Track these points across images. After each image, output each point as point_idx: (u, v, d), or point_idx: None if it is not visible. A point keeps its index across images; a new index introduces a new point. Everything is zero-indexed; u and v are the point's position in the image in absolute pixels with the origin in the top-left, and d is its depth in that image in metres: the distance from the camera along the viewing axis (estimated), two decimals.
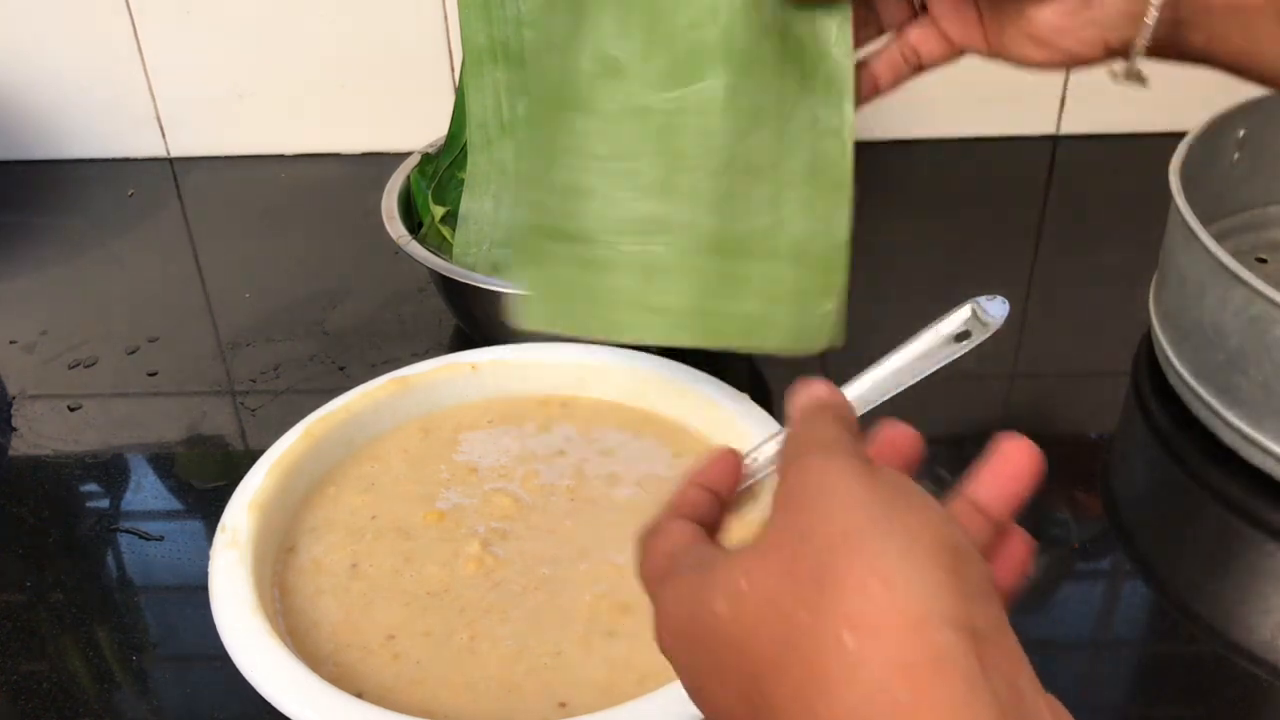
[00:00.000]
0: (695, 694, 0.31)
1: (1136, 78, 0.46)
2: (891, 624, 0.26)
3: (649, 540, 0.34)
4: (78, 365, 0.74)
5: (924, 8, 0.49)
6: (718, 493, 0.37)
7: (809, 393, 0.35)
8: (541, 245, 0.47)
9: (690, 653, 0.31)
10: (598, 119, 0.45)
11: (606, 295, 0.47)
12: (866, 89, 0.50)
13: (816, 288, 0.48)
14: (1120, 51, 0.45)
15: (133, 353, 0.75)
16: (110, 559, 0.60)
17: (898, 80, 0.50)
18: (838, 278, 0.48)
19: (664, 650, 0.32)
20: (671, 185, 0.45)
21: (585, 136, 0.45)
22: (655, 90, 0.44)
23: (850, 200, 0.48)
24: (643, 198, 0.45)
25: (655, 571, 0.33)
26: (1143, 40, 0.44)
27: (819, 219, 0.48)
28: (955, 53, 0.50)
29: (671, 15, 0.44)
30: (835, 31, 0.47)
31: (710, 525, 0.36)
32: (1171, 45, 0.45)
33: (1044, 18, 0.45)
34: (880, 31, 0.50)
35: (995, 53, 0.48)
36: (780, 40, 0.46)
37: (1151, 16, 0.43)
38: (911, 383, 0.42)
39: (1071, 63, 0.46)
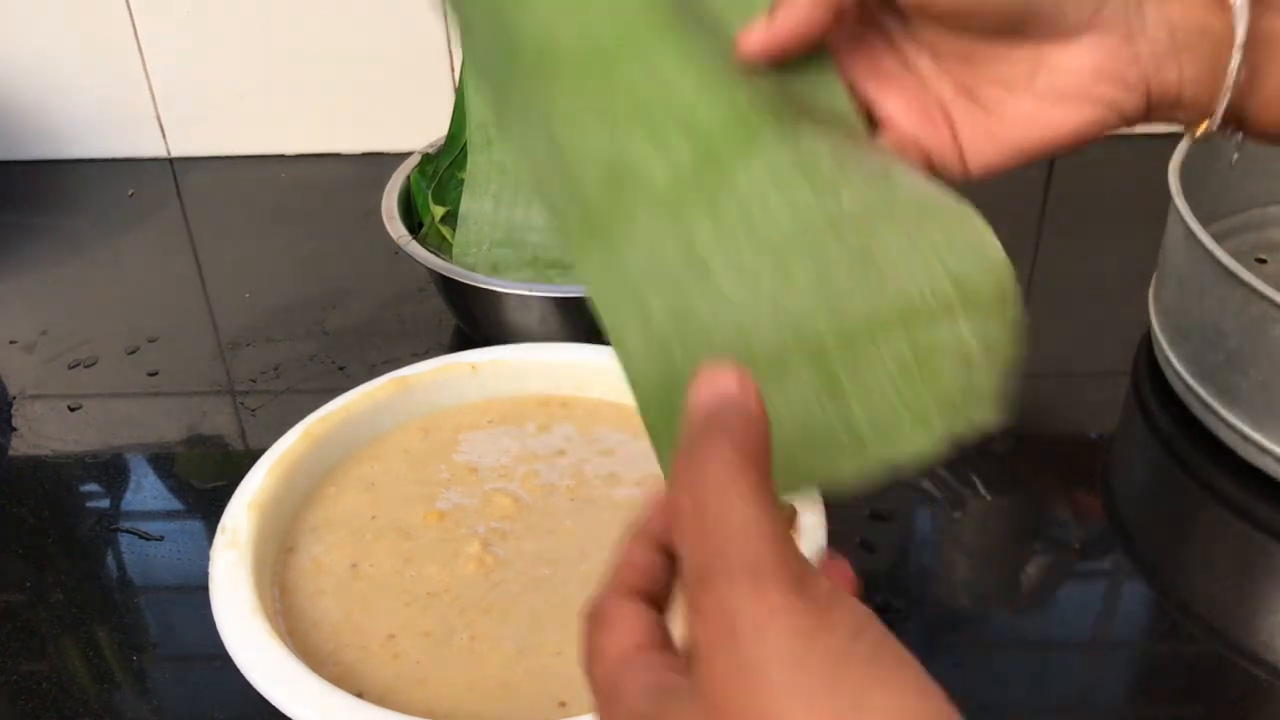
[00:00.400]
0: None
1: (1228, 134, 0.37)
2: None
3: (594, 630, 0.30)
4: (78, 365, 0.74)
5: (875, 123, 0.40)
6: (667, 545, 0.31)
7: (713, 385, 0.28)
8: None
9: None
10: (646, 233, 0.35)
11: (815, 437, 0.35)
12: None
13: (1003, 330, 0.37)
14: (1163, 101, 0.37)
15: (133, 353, 0.75)
16: (110, 559, 0.60)
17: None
18: (1018, 310, 0.37)
19: None
20: (790, 268, 0.35)
21: (652, 248, 0.35)
22: (697, 191, 0.36)
23: (983, 222, 0.38)
24: (768, 290, 0.35)
25: (601, 680, 0.29)
26: (1231, 71, 0.35)
27: (968, 246, 0.37)
28: (927, 168, 0.39)
29: (657, 100, 0.37)
30: (835, 89, 0.39)
31: (661, 593, 0.31)
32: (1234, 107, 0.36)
33: (1079, 62, 0.36)
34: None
35: (987, 152, 0.38)
36: (789, 100, 0.39)
37: (1240, 31, 0.34)
38: None
39: (1100, 122, 0.37)
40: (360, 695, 0.44)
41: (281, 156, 0.96)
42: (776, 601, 0.24)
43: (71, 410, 0.70)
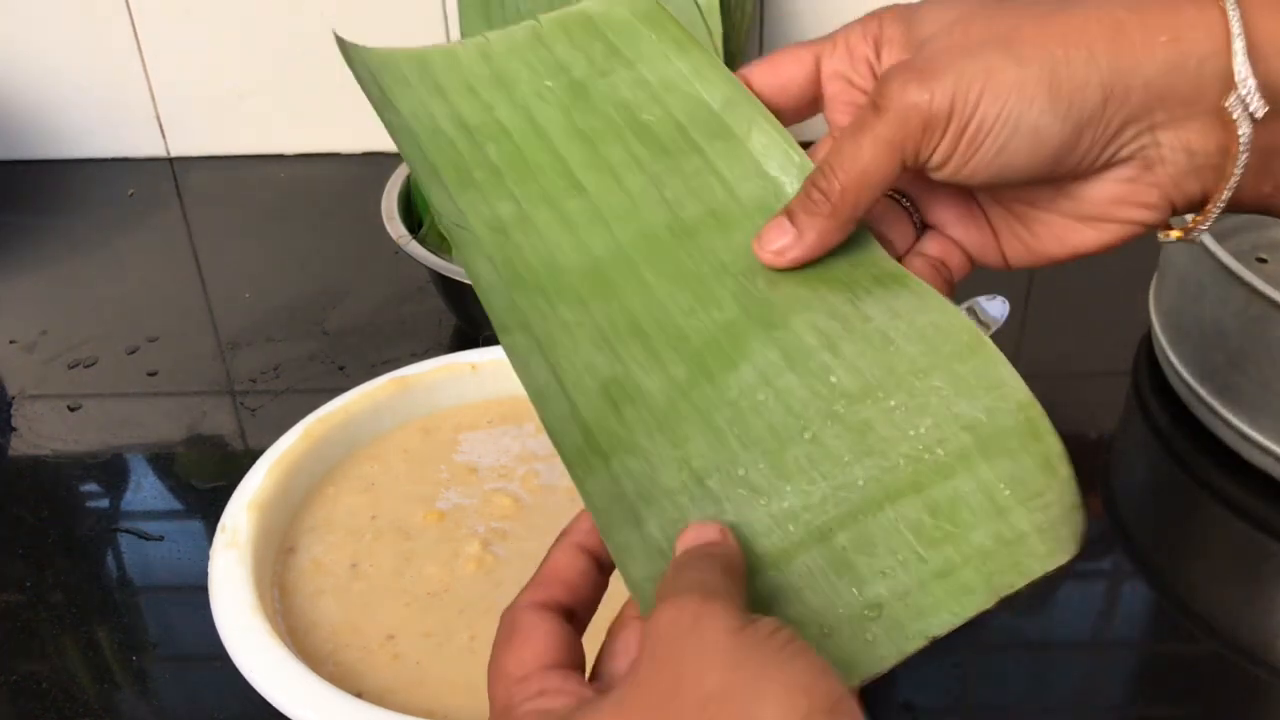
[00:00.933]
0: None
1: (1196, 231, 0.38)
2: None
3: (501, 643, 0.31)
4: (78, 365, 0.74)
5: (924, 225, 0.41)
6: (598, 552, 0.34)
7: (698, 535, 0.32)
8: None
9: None
10: (644, 452, 0.35)
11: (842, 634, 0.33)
12: None
13: (1036, 465, 0.35)
14: (1188, 208, 0.38)
15: (133, 352, 0.75)
16: (110, 559, 0.60)
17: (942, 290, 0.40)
18: (1051, 440, 0.36)
19: None
20: (785, 466, 0.34)
21: (650, 474, 0.34)
22: (691, 408, 0.35)
23: (999, 355, 0.36)
24: (765, 497, 0.34)
25: (497, 699, 0.31)
26: (1228, 187, 0.36)
27: (982, 387, 0.36)
28: (970, 267, 0.41)
29: (659, 312, 0.37)
30: (869, 247, 0.39)
31: (582, 606, 0.33)
32: (1253, 193, 0.36)
33: (1099, 193, 0.37)
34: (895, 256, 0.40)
35: (1025, 258, 0.41)
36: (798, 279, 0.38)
37: (1241, 153, 0.35)
38: None
39: (1127, 237, 0.38)
40: (360, 695, 0.44)
41: (281, 156, 0.96)
42: (719, 609, 0.28)
43: (71, 410, 0.70)
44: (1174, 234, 0.39)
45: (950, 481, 0.34)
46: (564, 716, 0.28)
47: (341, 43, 0.47)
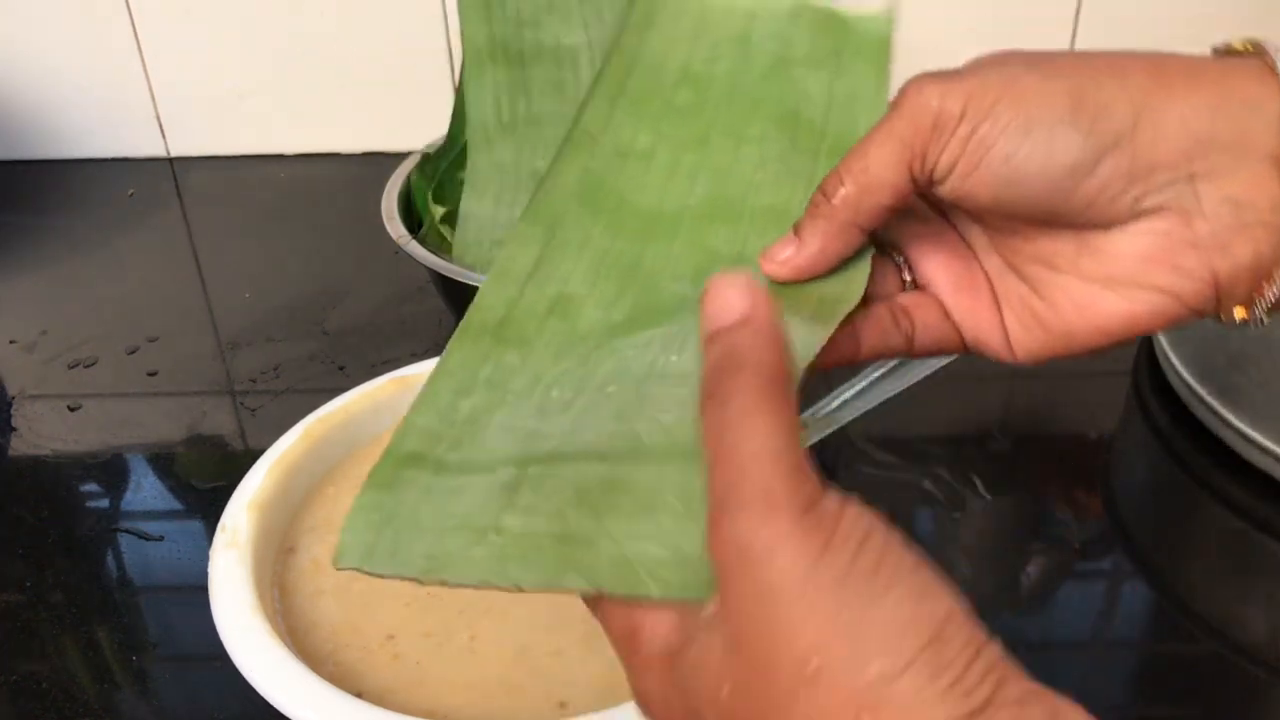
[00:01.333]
0: None
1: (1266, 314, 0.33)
2: None
3: (629, 652, 0.29)
4: (77, 365, 0.74)
5: (914, 285, 0.38)
6: None
7: (722, 306, 0.29)
8: (399, 473, 0.37)
9: None
10: (532, 356, 0.36)
11: (444, 520, 0.34)
12: (845, 348, 0.36)
13: None
14: (1236, 279, 0.33)
15: (132, 352, 0.75)
16: (110, 559, 0.60)
17: (885, 348, 0.37)
18: None
19: None
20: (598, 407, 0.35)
21: (510, 371, 0.36)
22: (612, 335, 0.36)
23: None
24: (545, 419, 0.35)
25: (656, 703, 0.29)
26: None
27: None
28: (959, 344, 0.38)
29: (656, 271, 0.38)
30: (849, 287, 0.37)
31: None
32: None
33: (1127, 248, 0.33)
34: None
35: (1035, 338, 0.36)
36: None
37: None
38: (912, 383, 0.42)
39: (1161, 312, 0.34)
40: (360, 695, 0.44)
41: (281, 156, 0.96)
42: (785, 527, 0.25)
43: (71, 410, 0.70)
44: (1239, 312, 0.33)
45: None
46: (692, 645, 0.27)
47: None
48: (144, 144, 0.96)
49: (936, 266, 0.37)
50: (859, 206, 0.34)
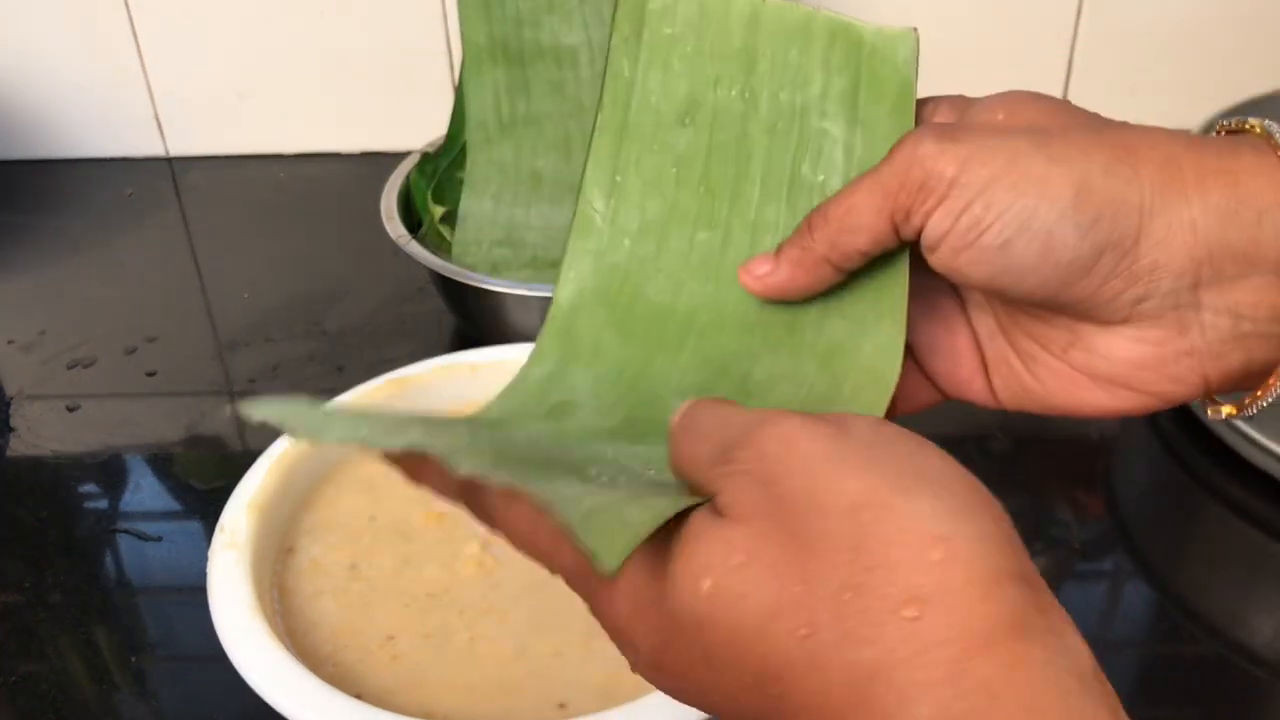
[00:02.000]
0: (679, 685, 0.28)
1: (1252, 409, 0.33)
2: (960, 589, 0.23)
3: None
4: (76, 365, 0.74)
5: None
6: None
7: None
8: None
9: (669, 645, 0.27)
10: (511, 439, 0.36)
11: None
12: None
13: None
14: (1225, 385, 0.32)
15: (131, 353, 0.75)
16: (109, 559, 0.60)
17: None
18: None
19: (631, 630, 0.28)
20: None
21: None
22: (596, 437, 0.36)
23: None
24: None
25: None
26: None
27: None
28: (938, 398, 0.38)
29: (659, 383, 0.37)
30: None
31: None
32: None
33: (1120, 351, 0.32)
34: None
35: (1021, 400, 0.36)
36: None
37: None
38: None
39: (1149, 409, 0.33)
40: (359, 697, 0.44)
41: (281, 156, 0.96)
42: (794, 423, 0.26)
43: (70, 410, 0.70)
44: (1225, 410, 0.33)
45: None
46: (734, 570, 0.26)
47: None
48: (143, 144, 0.96)
49: (919, 332, 0.36)
50: (834, 245, 0.33)
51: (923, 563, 0.23)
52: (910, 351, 0.36)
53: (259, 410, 0.30)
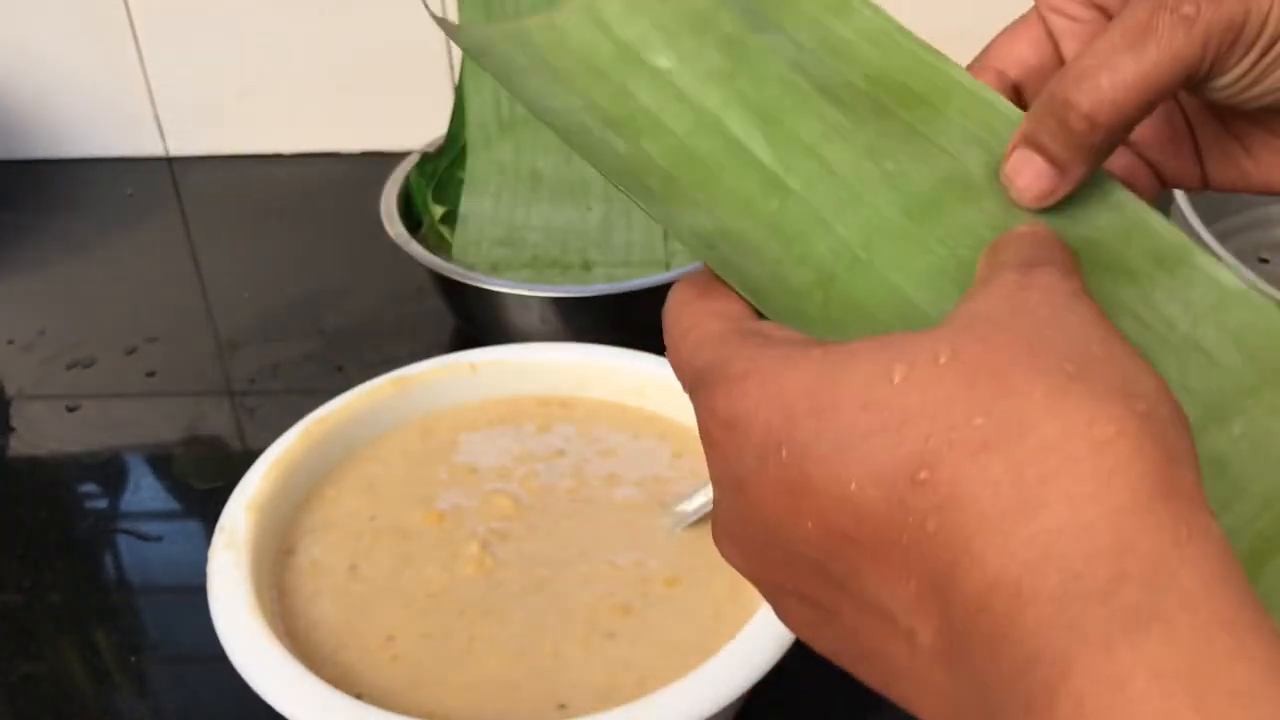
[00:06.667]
0: (760, 512, 0.24)
1: None
2: (1149, 453, 0.21)
3: (694, 299, 0.27)
4: (76, 365, 0.74)
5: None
6: None
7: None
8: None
9: (765, 455, 0.23)
10: None
11: None
12: None
13: None
14: None
15: (131, 353, 0.75)
16: (108, 560, 0.60)
17: None
18: None
19: (726, 450, 0.24)
20: None
21: None
22: None
23: None
24: None
25: (703, 353, 0.26)
26: None
27: None
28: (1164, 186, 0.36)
29: None
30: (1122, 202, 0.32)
31: None
32: None
33: None
34: None
35: (1237, 181, 0.34)
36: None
37: None
38: None
39: None
40: (359, 697, 0.44)
41: (281, 156, 0.96)
42: (1077, 279, 0.26)
43: (70, 410, 0.70)
44: None
45: None
46: (834, 345, 0.24)
47: (444, 24, 0.33)
48: (143, 143, 0.96)
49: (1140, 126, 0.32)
50: (1124, 120, 0.29)
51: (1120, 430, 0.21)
52: (1129, 144, 0.34)
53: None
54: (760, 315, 0.27)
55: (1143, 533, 0.20)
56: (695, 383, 0.25)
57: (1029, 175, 0.30)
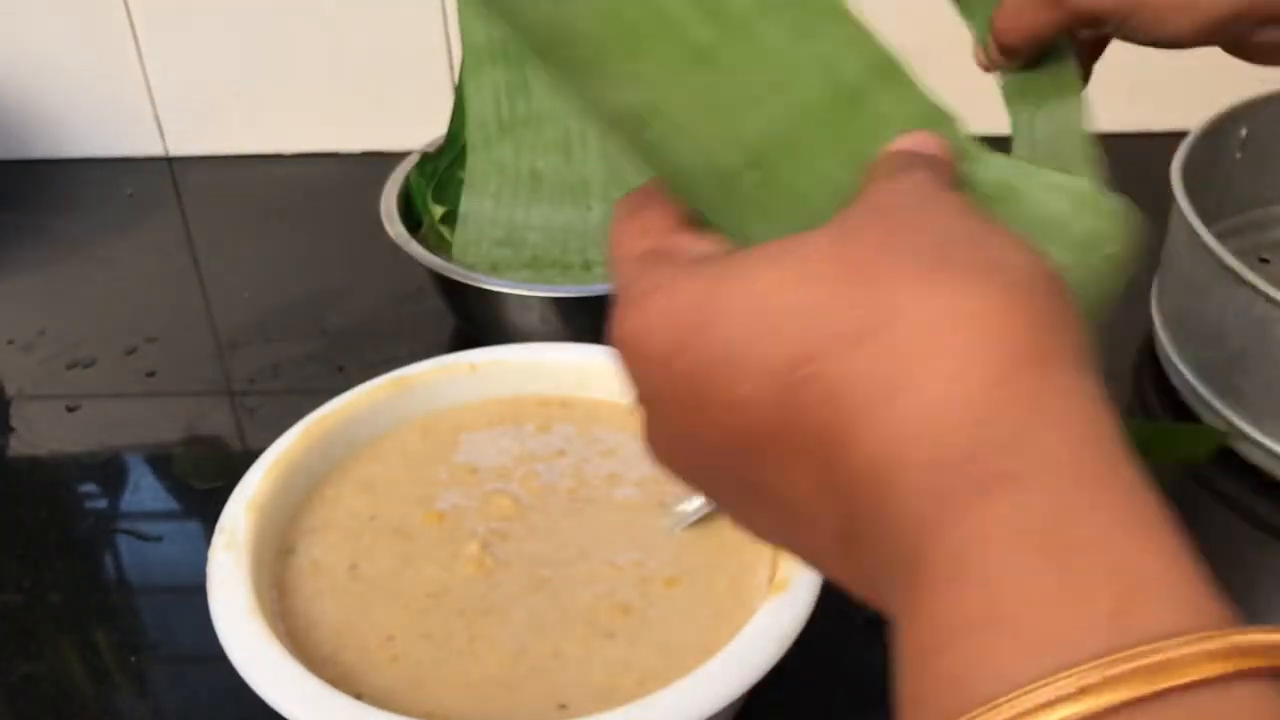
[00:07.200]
0: (676, 399, 0.26)
1: None
2: (1019, 318, 0.23)
3: (635, 210, 0.29)
4: (76, 365, 0.74)
5: None
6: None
7: (918, 142, 0.29)
8: None
9: (676, 354, 0.25)
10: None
11: None
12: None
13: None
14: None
15: (131, 353, 0.75)
16: (108, 560, 0.60)
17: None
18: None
19: (638, 351, 0.26)
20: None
21: None
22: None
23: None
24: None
25: (636, 251, 0.28)
26: None
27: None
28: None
29: None
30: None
31: None
32: None
33: None
34: None
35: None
36: None
37: None
38: None
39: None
40: (359, 697, 0.44)
41: (281, 156, 0.96)
42: (950, 190, 0.27)
43: (69, 410, 0.70)
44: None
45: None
46: (709, 256, 0.26)
47: None
48: (142, 143, 0.96)
49: None
50: None
51: (985, 290, 0.23)
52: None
53: None
54: (692, 222, 0.29)
55: (1007, 401, 0.21)
56: (612, 302, 0.28)
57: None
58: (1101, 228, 0.34)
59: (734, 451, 0.25)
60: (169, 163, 0.96)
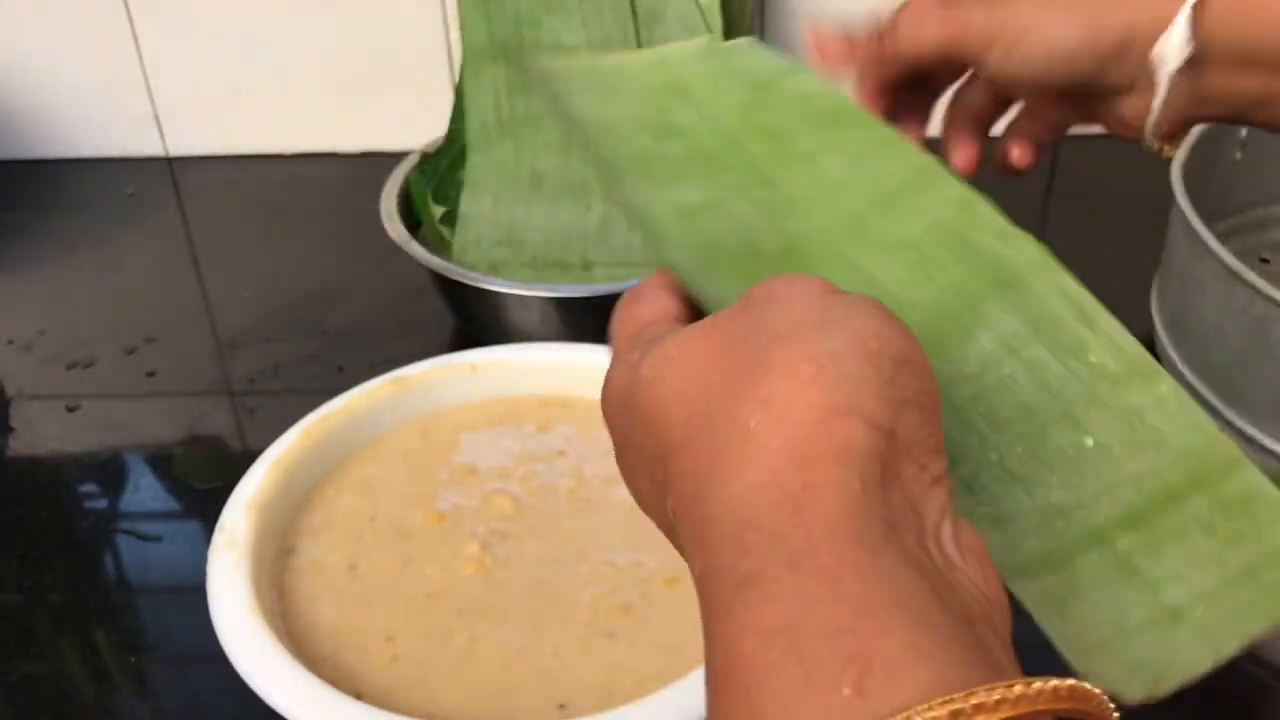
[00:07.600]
0: (621, 468, 0.32)
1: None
2: (804, 412, 0.24)
3: (628, 303, 0.33)
4: (76, 365, 0.74)
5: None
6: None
7: None
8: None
9: (616, 422, 0.31)
10: None
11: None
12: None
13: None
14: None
15: (131, 353, 0.75)
16: (108, 560, 0.60)
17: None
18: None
19: (605, 416, 0.32)
20: (1047, 453, 0.31)
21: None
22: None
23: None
24: (1026, 486, 0.30)
25: (621, 337, 0.33)
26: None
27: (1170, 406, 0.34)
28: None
29: None
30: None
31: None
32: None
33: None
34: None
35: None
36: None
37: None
38: None
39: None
40: (359, 697, 0.44)
41: (280, 156, 0.96)
42: (822, 280, 0.29)
43: (69, 410, 0.70)
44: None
45: (1239, 475, 0.30)
46: (657, 337, 0.30)
47: (525, 58, 0.46)
48: (142, 144, 0.96)
49: None
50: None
51: (789, 378, 0.25)
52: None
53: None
54: (684, 312, 0.33)
55: (767, 504, 0.24)
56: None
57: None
58: None
59: (659, 509, 0.30)
60: (169, 162, 0.96)
